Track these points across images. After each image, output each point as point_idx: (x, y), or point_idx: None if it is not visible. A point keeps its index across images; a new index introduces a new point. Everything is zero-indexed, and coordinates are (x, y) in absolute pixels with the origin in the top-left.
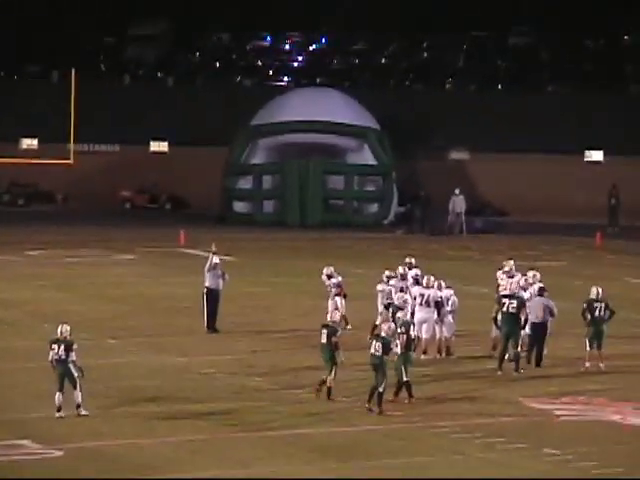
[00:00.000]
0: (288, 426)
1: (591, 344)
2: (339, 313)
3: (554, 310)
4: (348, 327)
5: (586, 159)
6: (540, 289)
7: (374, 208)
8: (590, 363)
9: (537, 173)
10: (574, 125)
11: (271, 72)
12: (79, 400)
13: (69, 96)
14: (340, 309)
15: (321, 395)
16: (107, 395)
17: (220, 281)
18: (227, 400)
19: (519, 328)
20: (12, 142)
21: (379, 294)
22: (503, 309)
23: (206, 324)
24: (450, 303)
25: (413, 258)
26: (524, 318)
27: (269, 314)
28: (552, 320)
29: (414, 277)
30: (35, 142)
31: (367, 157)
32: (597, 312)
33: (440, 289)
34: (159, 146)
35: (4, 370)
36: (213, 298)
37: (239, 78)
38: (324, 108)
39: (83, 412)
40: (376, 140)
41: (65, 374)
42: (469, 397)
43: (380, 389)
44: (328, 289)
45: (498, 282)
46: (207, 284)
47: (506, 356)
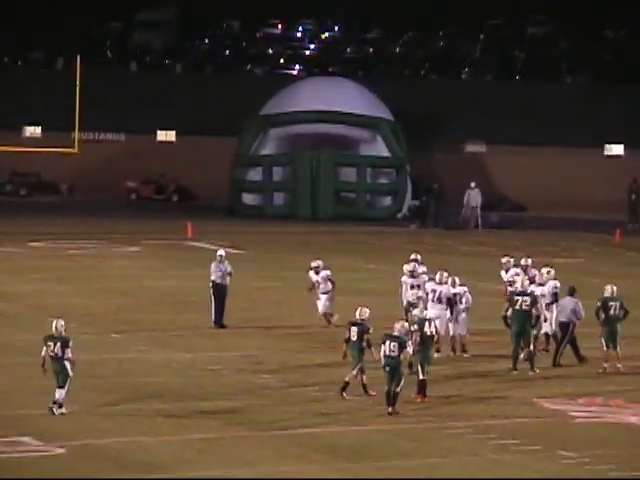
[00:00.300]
0: (297, 425)
1: (607, 344)
2: (368, 310)
3: (581, 313)
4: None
5: (606, 153)
6: (571, 289)
7: (387, 201)
8: (608, 364)
9: (555, 167)
10: (593, 118)
11: (282, 60)
12: (61, 398)
13: (74, 83)
14: (322, 308)
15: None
16: (110, 391)
17: (227, 275)
18: (234, 398)
19: (530, 326)
20: (15, 130)
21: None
22: (515, 307)
23: (213, 319)
24: (464, 300)
25: (419, 254)
26: (536, 315)
27: (278, 309)
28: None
29: (411, 272)
30: (39, 130)
31: (380, 149)
32: (612, 311)
33: (454, 285)
34: (166, 135)
35: (5, 365)
36: (220, 293)
37: (249, 67)
38: (336, 98)
39: (61, 411)
40: (390, 131)
41: (60, 372)
42: (483, 397)
43: (398, 389)
44: (316, 285)
45: (505, 280)
46: (213, 278)
47: (521, 355)
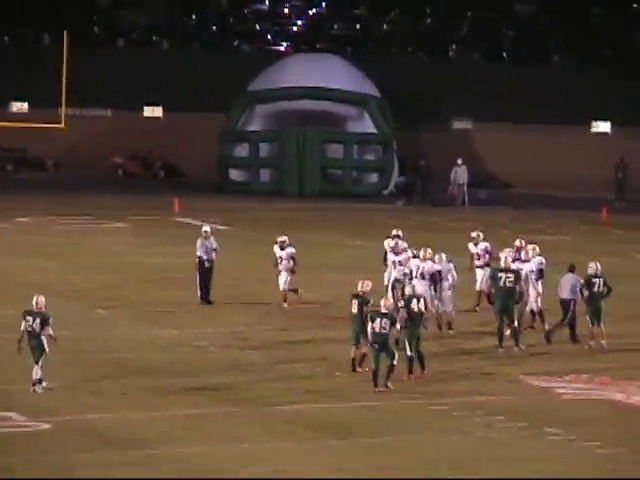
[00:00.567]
0: (284, 402)
1: (592, 321)
2: (370, 283)
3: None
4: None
5: (593, 130)
6: (571, 266)
7: (374, 178)
8: (594, 341)
9: (542, 144)
10: (580, 96)
11: (269, 37)
12: (38, 376)
13: (61, 59)
14: (283, 284)
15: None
16: (96, 367)
17: (212, 251)
18: (221, 374)
19: (514, 303)
20: (1, 106)
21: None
22: (499, 284)
23: (199, 295)
24: (450, 278)
25: (400, 230)
26: (520, 292)
27: (265, 286)
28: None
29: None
30: (25, 106)
31: (367, 126)
32: (596, 288)
33: (438, 262)
34: (153, 111)
35: None
36: (206, 269)
37: (236, 43)
38: (323, 74)
39: (44, 386)
40: (377, 108)
41: (36, 347)
42: (470, 374)
43: (394, 362)
44: (279, 260)
45: (473, 253)
46: (199, 254)
47: (506, 332)
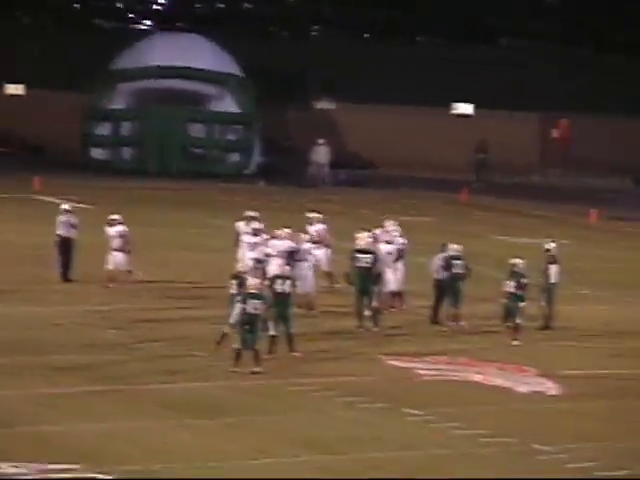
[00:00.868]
0: (145, 381)
1: (451, 302)
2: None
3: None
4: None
5: (454, 112)
6: (443, 246)
7: (235, 157)
8: (453, 322)
9: (405, 125)
10: (442, 77)
11: (132, 15)
12: None
13: None
14: (113, 265)
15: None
16: None
17: (73, 229)
18: (81, 353)
19: (373, 284)
20: None
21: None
22: (357, 264)
23: (60, 273)
24: (310, 258)
25: (255, 212)
26: (377, 273)
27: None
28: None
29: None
30: None
31: (229, 105)
32: (455, 269)
33: (298, 242)
34: (16, 89)
35: None
36: (66, 247)
37: (99, 21)
38: (186, 54)
39: None
40: (239, 88)
41: None
42: (330, 354)
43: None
44: (109, 239)
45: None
46: (59, 232)
47: (366, 312)
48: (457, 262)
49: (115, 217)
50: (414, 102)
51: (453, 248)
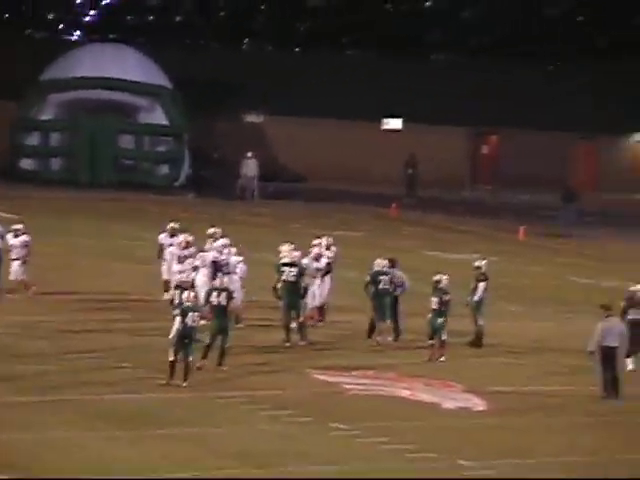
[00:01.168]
0: (73, 392)
1: (378, 317)
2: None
3: (406, 283)
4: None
5: (384, 127)
6: (391, 260)
7: (165, 169)
8: (380, 337)
9: (334, 139)
10: (372, 91)
11: (62, 26)
12: None
13: None
14: (14, 274)
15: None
16: None
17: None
18: (10, 362)
19: (299, 297)
20: None
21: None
22: (283, 278)
23: None
24: (239, 270)
25: (177, 223)
26: (304, 287)
27: (55, 275)
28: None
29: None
30: None
31: (159, 117)
32: (382, 285)
33: (227, 254)
34: None
35: None
36: None
37: (29, 31)
38: (116, 65)
39: None
40: (169, 100)
41: None
42: (257, 368)
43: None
44: (10, 248)
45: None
46: None
47: (293, 325)
48: (383, 277)
49: (19, 227)
50: (344, 116)
51: (379, 264)
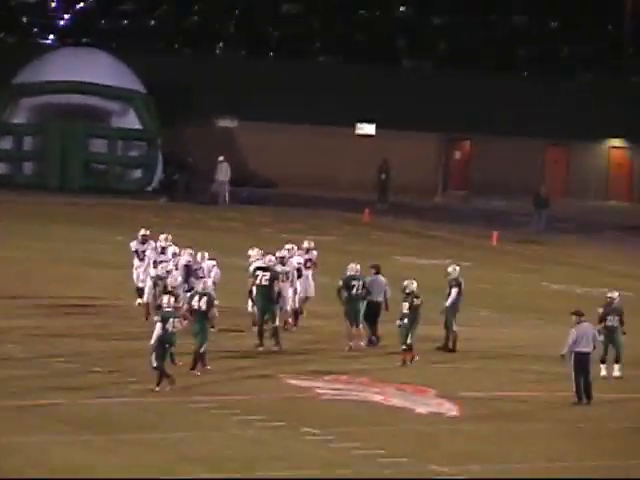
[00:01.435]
0: (41, 396)
1: (350, 322)
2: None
3: (387, 291)
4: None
5: (357, 132)
6: (376, 267)
7: (137, 174)
8: (352, 342)
9: (306, 144)
10: (346, 96)
11: (35, 30)
12: None
13: None
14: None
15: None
16: None
17: None
18: None
19: (273, 302)
20: None
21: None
22: (257, 281)
23: None
24: (213, 274)
25: (147, 230)
26: (277, 291)
27: (25, 280)
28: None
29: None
30: None
31: (132, 121)
32: (354, 290)
33: (201, 259)
34: None
35: None
36: None
37: (2, 34)
38: (89, 69)
39: None
40: (142, 104)
41: None
42: (229, 373)
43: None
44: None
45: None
46: None
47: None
48: (356, 282)
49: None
50: (317, 121)
51: (352, 268)
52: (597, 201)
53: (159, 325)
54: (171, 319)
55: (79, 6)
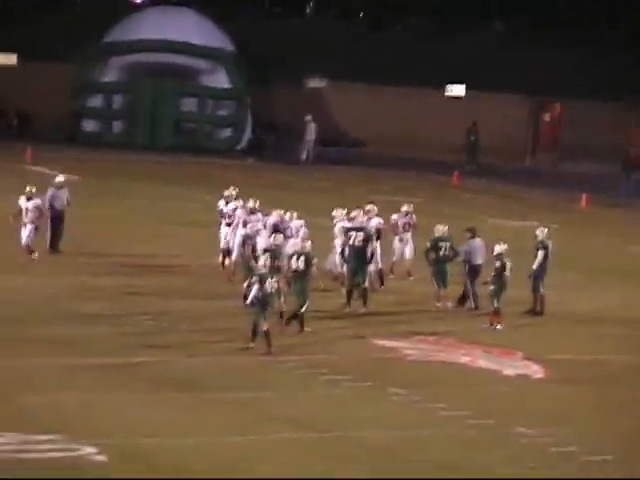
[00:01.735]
0: (127, 354)
1: (438, 284)
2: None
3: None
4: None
5: (447, 93)
6: (472, 230)
7: (227, 133)
8: (440, 303)
9: (396, 105)
10: (435, 58)
11: None
12: None
13: None
14: (26, 239)
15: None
16: None
17: (65, 201)
18: (65, 324)
19: (366, 262)
20: None
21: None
22: (350, 242)
23: (49, 244)
24: (301, 234)
25: (235, 189)
26: (371, 252)
27: (115, 237)
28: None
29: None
30: None
31: (222, 80)
32: (442, 251)
33: (289, 219)
34: (8, 59)
35: None
36: (57, 218)
37: None
38: (179, 28)
39: None
40: (232, 63)
41: None
42: (315, 333)
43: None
44: (25, 212)
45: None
46: (51, 204)
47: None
48: (444, 244)
49: (33, 190)
50: (406, 82)
51: (440, 230)
52: None
53: (256, 286)
54: (268, 279)
55: None
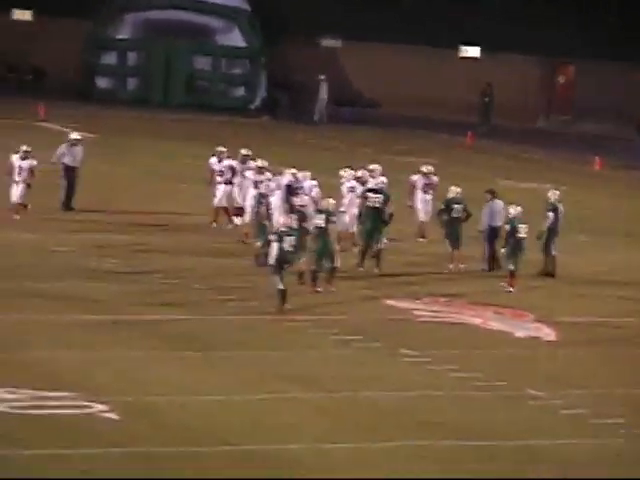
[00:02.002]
0: (138, 312)
1: (451, 245)
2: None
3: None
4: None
5: (461, 54)
6: (493, 191)
7: (240, 92)
8: (452, 264)
9: (410, 65)
10: (450, 18)
11: None
12: None
13: None
14: (16, 198)
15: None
16: None
17: (78, 158)
18: (77, 281)
19: (382, 224)
20: None
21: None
22: (367, 203)
23: (62, 201)
24: (313, 194)
25: (249, 150)
26: (390, 213)
27: (127, 194)
28: None
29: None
30: None
31: (236, 39)
32: (454, 213)
33: (302, 179)
34: (23, 14)
35: None
36: (71, 175)
37: None
38: None
39: None
40: (246, 22)
41: None
42: (327, 293)
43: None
44: (18, 171)
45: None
46: (64, 161)
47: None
48: (456, 206)
49: (28, 149)
50: (421, 42)
51: (453, 191)
52: None
53: (276, 245)
54: (287, 238)
55: None
